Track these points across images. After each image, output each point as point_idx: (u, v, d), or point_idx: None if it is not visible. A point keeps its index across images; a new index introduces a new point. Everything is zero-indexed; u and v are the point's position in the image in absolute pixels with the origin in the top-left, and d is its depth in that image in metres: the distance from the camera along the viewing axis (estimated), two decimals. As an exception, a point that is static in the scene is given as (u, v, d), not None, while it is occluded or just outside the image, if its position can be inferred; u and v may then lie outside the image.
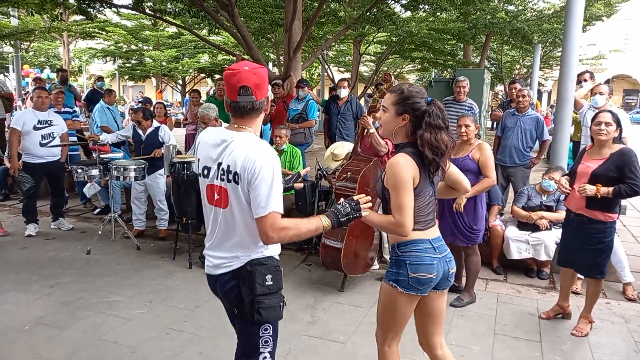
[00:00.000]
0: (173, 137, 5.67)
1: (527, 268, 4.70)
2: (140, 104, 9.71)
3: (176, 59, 21.82)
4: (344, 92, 6.69)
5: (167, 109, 15.74)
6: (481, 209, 3.91)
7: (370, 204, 2.04)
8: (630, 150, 3.32)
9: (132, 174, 5.12)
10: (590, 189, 3.24)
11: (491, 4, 12.91)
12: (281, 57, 10.44)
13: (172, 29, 20.17)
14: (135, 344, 3.31)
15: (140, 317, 3.70)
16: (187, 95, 23.60)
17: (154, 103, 8.69)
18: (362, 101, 13.67)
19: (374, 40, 16.38)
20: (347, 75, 20.93)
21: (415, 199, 2.09)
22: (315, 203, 5.10)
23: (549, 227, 4.50)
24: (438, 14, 12.59)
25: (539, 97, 27.75)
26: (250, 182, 1.82)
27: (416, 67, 23.66)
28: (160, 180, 5.57)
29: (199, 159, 2.04)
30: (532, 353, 3.30)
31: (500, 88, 21.48)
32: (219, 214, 1.96)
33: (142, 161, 5.31)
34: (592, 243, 3.40)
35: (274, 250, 2.02)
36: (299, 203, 5.19)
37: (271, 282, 1.92)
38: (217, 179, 1.93)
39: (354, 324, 3.64)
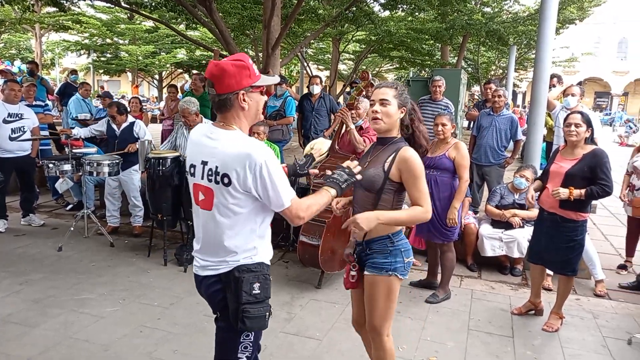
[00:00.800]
0: (148, 132, 5.58)
1: (501, 265, 4.79)
2: (99, 98, 9.50)
3: (153, 54, 21.47)
4: (316, 89, 6.70)
5: (143, 104, 15.53)
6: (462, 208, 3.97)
7: (359, 167, 2.09)
8: (603, 151, 3.40)
9: (106, 170, 5.02)
10: (564, 193, 3.30)
11: (468, 5, 13.08)
12: (260, 54, 10.36)
13: (149, 23, 19.83)
14: (108, 342, 3.25)
15: (113, 315, 3.64)
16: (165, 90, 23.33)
17: (129, 98, 8.55)
18: (341, 99, 13.70)
19: (353, 38, 16.43)
20: (327, 73, 20.95)
21: (403, 191, 2.27)
22: (292, 200, 5.08)
23: (521, 224, 4.59)
24: (416, 14, 12.69)
25: (514, 98, 28.30)
26: (248, 186, 1.75)
27: (394, 66, 23.85)
28: (134, 176, 5.47)
29: (185, 157, 2.02)
30: (504, 348, 3.37)
31: (476, 88, 21.82)
32: (205, 216, 1.89)
33: (116, 156, 5.21)
34: (564, 241, 3.48)
35: (265, 255, 1.93)
36: (276, 200, 5.16)
37: (258, 291, 1.84)
38: (202, 178, 1.85)
39: (330, 321, 3.65)
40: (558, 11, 5.60)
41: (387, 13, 13.85)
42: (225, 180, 1.77)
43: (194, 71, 17.78)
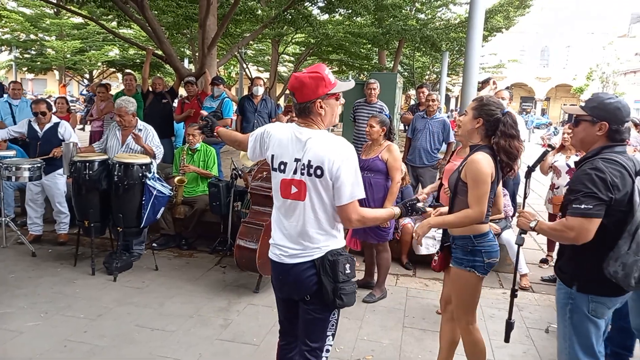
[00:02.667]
0: (74, 134, 5.28)
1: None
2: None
3: (82, 51, 20.37)
4: (260, 90, 6.63)
5: (72, 104, 14.67)
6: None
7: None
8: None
9: (26, 174, 4.70)
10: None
11: (403, 11, 13.47)
12: (197, 54, 10.12)
13: (78, 19, 18.81)
14: (28, 358, 3.03)
15: (34, 330, 3.40)
16: (86, 89, 22.13)
17: (54, 97, 8.03)
18: (281, 100, 13.67)
19: (292, 40, 16.46)
20: (267, 75, 20.83)
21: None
22: (230, 203, 4.99)
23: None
24: (354, 18, 12.91)
25: (447, 102, 29.47)
26: (334, 175, 1.99)
27: (334, 70, 24.12)
28: (59, 180, 5.15)
29: (272, 155, 2.14)
30: (436, 343, 3.45)
31: (412, 92, 22.53)
32: (296, 207, 2.08)
33: (38, 160, 4.88)
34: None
35: (343, 240, 2.20)
36: (213, 204, 5.05)
37: (349, 271, 2.08)
38: (295, 173, 2.06)
39: (268, 325, 3.61)
40: (485, 20, 5.89)
41: (326, 16, 14.00)
42: (319, 172, 2.01)
43: (127, 70, 17.08)
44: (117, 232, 4.49)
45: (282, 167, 2.10)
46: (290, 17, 9.22)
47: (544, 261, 5.24)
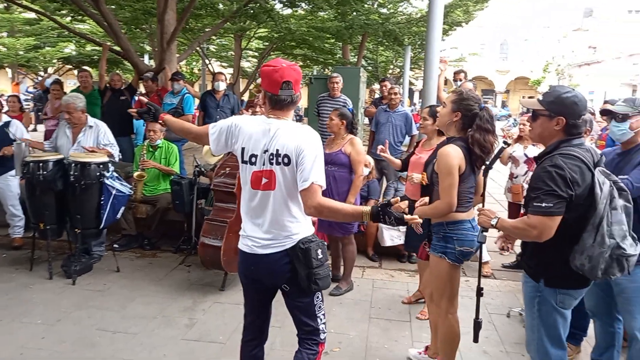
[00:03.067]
0: (27, 133, 5.07)
1: (399, 254, 5.02)
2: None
3: (35, 48, 19.55)
4: (221, 85, 6.53)
5: (26, 102, 14.08)
6: (355, 202, 4.07)
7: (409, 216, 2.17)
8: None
9: (-25, 176, 4.48)
10: (417, 178, 3.44)
11: (365, 5, 13.52)
12: (157, 49, 9.88)
13: (30, 14, 18.02)
14: (-20, 369, 2.90)
15: (-13, 338, 3.25)
16: (33, 87, 21.25)
17: (5, 96, 7.69)
18: (245, 96, 13.52)
19: (255, 35, 16.28)
20: (230, 70, 20.55)
21: (460, 184, 2.53)
22: (193, 201, 4.91)
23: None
24: (317, 12, 12.88)
25: (411, 96, 29.86)
26: (297, 160, 2.04)
27: (298, 64, 23.97)
28: (11, 182, 4.92)
29: (243, 148, 2.14)
30: (403, 332, 3.53)
31: (377, 86, 22.70)
32: (268, 197, 2.11)
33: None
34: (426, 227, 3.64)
35: (312, 227, 2.25)
36: (176, 202, 4.95)
37: (322, 255, 2.14)
38: (264, 164, 2.09)
39: (234, 323, 3.56)
40: (445, 14, 5.98)
41: (288, 11, 13.91)
42: (286, 160, 2.05)
43: (85, 67, 16.51)
44: (75, 234, 4.33)
45: (252, 159, 2.12)
46: (252, 11, 9.13)
47: (504, 248, 5.38)
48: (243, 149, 2.14)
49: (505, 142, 2.71)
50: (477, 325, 2.56)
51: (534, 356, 2.38)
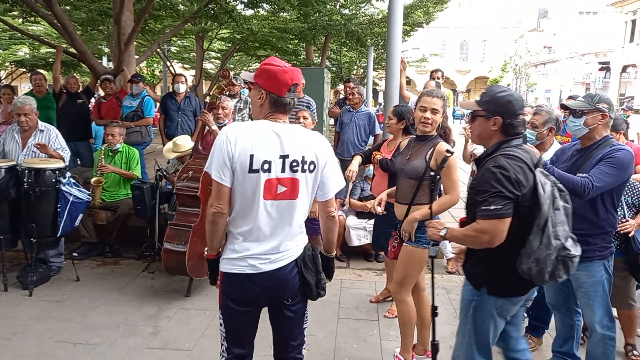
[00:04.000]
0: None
1: (366, 253, 5.06)
2: None
3: (-14, 51, 18.73)
4: (182, 87, 6.41)
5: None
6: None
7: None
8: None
9: None
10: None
11: (327, 6, 13.57)
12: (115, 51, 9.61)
13: (-22, 15, 17.21)
14: None
15: (-64, 357, 3.08)
16: None
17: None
18: (208, 99, 13.29)
19: (217, 36, 16.09)
20: (192, 72, 20.24)
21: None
22: (156, 206, 4.79)
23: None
24: (279, 13, 12.83)
25: (375, 96, 30.21)
26: (323, 168, 2.01)
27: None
28: (-39, 191, 4.69)
29: (251, 155, 1.90)
30: (371, 331, 3.55)
31: (341, 87, 22.82)
32: (287, 207, 1.98)
33: None
34: (390, 226, 3.64)
35: None
36: (137, 208, 4.82)
37: (320, 260, 2.15)
38: (283, 171, 1.94)
39: (200, 329, 3.51)
40: (406, 15, 6.06)
41: (250, 12, 13.80)
42: (312, 167, 1.98)
43: (39, 70, 15.89)
44: (30, 243, 4.15)
45: (265, 166, 1.91)
46: (212, 12, 8.99)
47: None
48: (252, 156, 1.90)
49: (448, 151, 2.66)
50: (435, 348, 2.52)
51: None
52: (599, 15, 41.03)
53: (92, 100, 7.15)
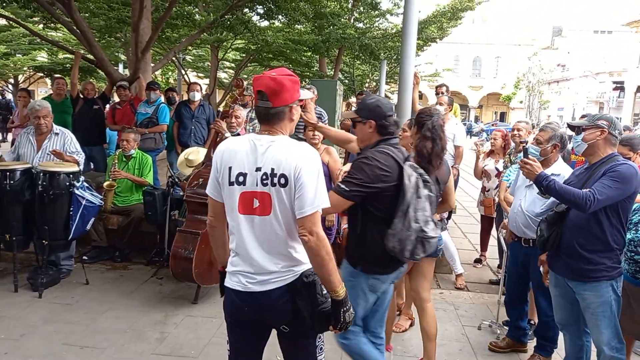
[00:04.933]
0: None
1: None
2: None
3: (6, 55, 19.08)
4: (197, 96, 6.49)
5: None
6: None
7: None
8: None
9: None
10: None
11: (342, 20, 13.68)
12: (131, 58, 9.76)
13: (1, 20, 17.61)
14: (-63, 387, 2.77)
15: (-54, 355, 3.11)
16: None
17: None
18: (222, 107, 13.41)
19: (232, 46, 16.27)
20: (207, 81, 20.45)
21: None
22: (167, 212, 4.82)
23: None
24: (294, 25, 12.96)
25: (387, 109, 30.23)
26: (296, 181, 1.80)
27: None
28: (-24, 192, 4.76)
29: (230, 167, 1.89)
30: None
31: (353, 99, 22.90)
32: (262, 223, 1.86)
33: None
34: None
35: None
36: (148, 213, 4.86)
37: (326, 291, 1.88)
38: (256, 185, 1.84)
39: (207, 336, 3.51)
40: (420, 30, 6.10)
41: (266, 23, 13.95)
42: (282, 180, 1.81)
43: (57, 75, 16.18)
44: (42, 245, 4.20)
45: (240, 178, 1.86)
46: (228, 22, 9.11)
47: (477, 261, 5.47)
48: (230, 168, 1.87)
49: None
50: None
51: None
52: (613, 35, 40.93)
53: (107, 106, 7.24)
